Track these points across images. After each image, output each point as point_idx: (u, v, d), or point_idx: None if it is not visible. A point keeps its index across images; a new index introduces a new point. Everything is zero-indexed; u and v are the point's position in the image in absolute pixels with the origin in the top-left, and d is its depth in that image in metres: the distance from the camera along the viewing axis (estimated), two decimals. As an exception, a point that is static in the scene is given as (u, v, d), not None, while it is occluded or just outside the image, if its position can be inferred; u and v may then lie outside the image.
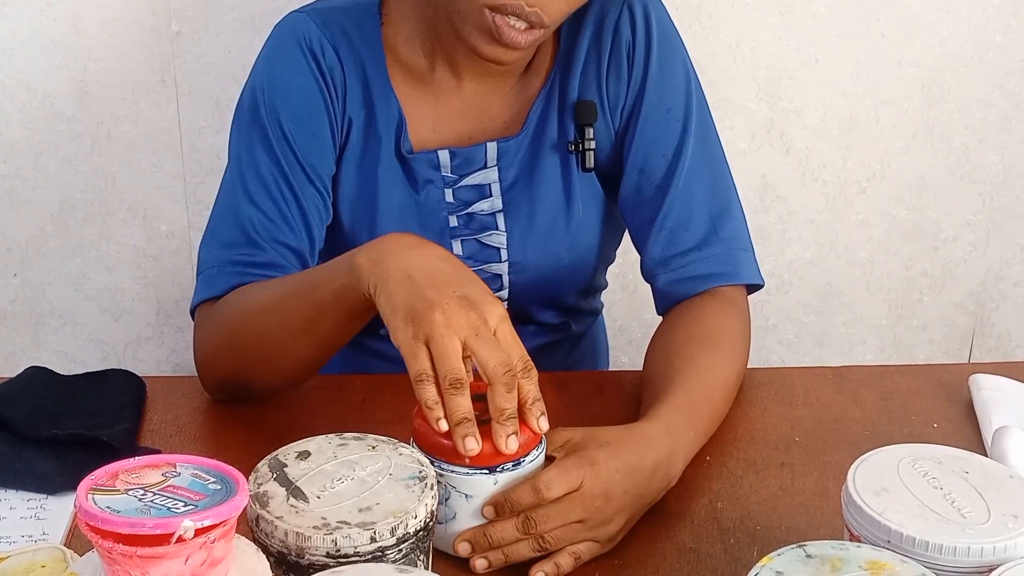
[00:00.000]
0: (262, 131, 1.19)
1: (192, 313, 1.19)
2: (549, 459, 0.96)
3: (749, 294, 1.24)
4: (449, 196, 1.24)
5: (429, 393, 0.90)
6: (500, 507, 0.92)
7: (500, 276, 1.26)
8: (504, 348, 0.92)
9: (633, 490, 0.95)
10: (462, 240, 1.25)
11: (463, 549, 0.93)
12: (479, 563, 0.93)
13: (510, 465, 0.92)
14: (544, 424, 0.93)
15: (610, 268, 1.41)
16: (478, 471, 0.91)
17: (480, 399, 0.95)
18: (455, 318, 0.92)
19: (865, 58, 1.78)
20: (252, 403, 1.17)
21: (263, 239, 1.17)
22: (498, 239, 1.25)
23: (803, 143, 1.82)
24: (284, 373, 1.13)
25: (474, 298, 0.94)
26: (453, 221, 1.24)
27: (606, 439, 0.97)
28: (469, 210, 1.24)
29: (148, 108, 1.73)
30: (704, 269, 1.20)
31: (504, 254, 1.25)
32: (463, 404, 0.90)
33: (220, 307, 1.15)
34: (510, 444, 0.90)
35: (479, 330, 0.92)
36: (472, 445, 0.89)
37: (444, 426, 0.90)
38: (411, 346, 0.92)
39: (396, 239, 1.01)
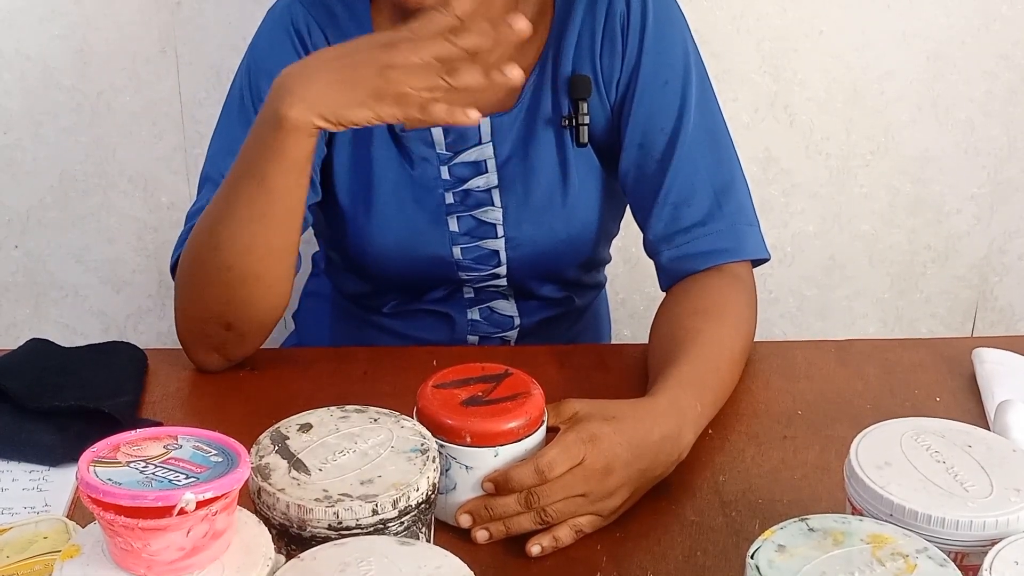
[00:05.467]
0: (244, 114, 1.20)
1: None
2: (552, 430, 0.96)
3: (755, 267, 1.23)
4: (445, 173, 1.23)
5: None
6: (501, 486, 0.92)
7: (497, 252, 1.26)
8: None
9: (636, 464, 0.95)
10: (458, 217, 1.24)
11: (464, 521, 0.93)
12: (480, 535, 0.93)
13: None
14: None
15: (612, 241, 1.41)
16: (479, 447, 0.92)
17: (484, 380, 0.95)
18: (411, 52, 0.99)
19: (870, 29, 1.77)
20: (253, 374, 1.17)
21: None
22: (494, 215, 1.25)
23: (807, 115, 1.81)
24: (259, 282, 1.11)
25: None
26: (449, 198, 1.24)
27: (611, 413, 0.97)
28: (465, 186, 1.24)
29: (148, 79, 1.72)
30: (708, 245, 1.20)
31: (500, 230, 1.25)
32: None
33: (181, 256, 1.16)
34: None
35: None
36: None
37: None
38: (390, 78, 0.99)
39: (292, 78, 1.04)
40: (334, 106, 1.01)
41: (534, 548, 0.92)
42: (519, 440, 0.92)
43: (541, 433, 0.94)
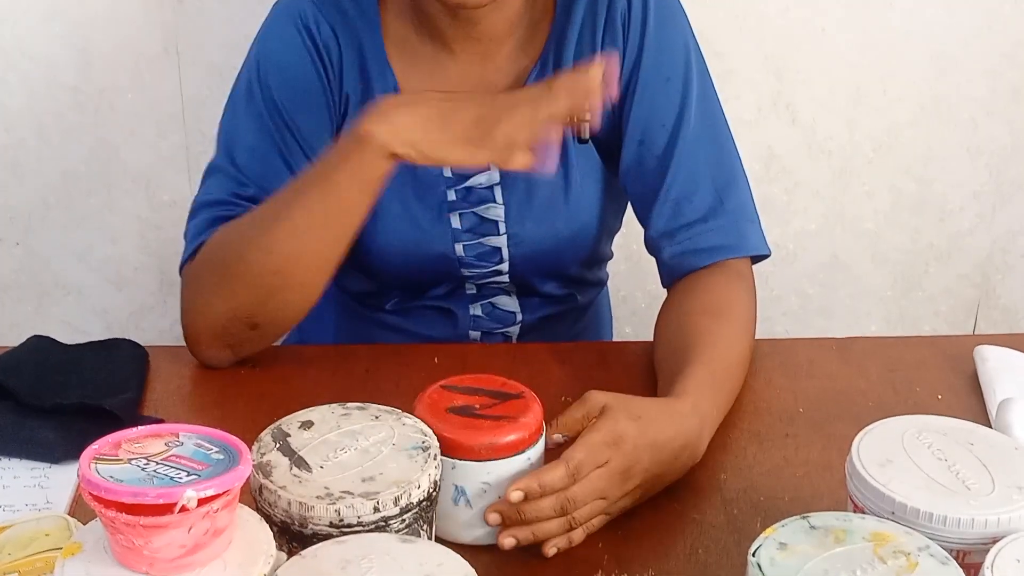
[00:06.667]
0: (255, 108, 1.20)
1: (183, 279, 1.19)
2: (576, 423, 0.95)
3: (755, 263, 1.23)
4: (447, 170, 1.23)
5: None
6: (533, 492, 0.89)
7: (499, 249, 1.26)
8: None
9: (654, 468, 0.95)
10: (460, 213, 1.24)
11: (493, 520, 0.91)
12: (507, 541, 0.91)
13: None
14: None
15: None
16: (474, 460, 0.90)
17: (491, 395, 0.94)
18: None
19: (872, 29, 1.77)
20: (255, 372, 1.17)
21: (245, 199, 1.17)
22: (496, 212, 1.25)
23: (809, 114, 1.81)
24: (301, 288, 1.12)
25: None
26: (451, 195, 1.24)
27: (638, 412, 0.95)
28: (467, 183, 1.24)
29: (151, 77, 1.72)
30: (710, 241, 1.20)
31: (502, 227, 1.25)
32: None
33: (206, 250, 1.16)
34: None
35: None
36: None
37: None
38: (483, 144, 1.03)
39: (391, 103, 1.08)
40: (417, 141, 1.04)
41: (551, 550, 0.91)
42: (478, 460, 0.90)
43: (510, 463, 0.91)
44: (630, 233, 1.40)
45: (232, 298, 1.13)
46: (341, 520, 0.78)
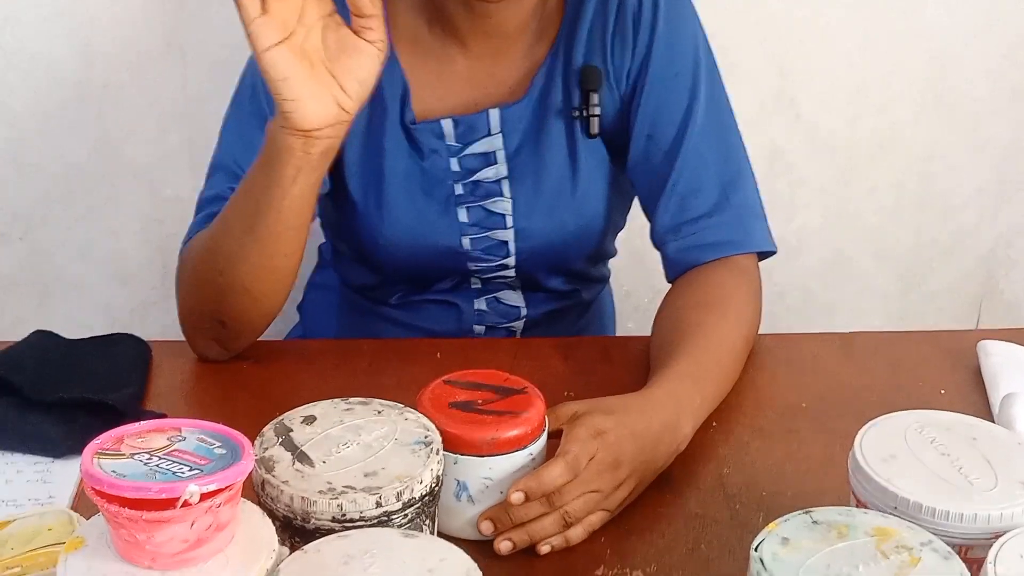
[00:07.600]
0: (258, 104, 1.20)
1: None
2: (553, 435, 0.95)
3: (762, 260, 1.23)
4: (455, 165, 1.23)
5: None
6: (533, 491, 0.89)
7: (506, 243, 1.26)
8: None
9: (640, 455, 0.95)
10: (467, 207, 1.24)
11: (485, 528, 0.91)
12: (503, 545, 0.90)
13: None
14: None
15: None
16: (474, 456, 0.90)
17: (493, 390, 0.94)
18: None
19: (874, 27, 1.76)
20: (257, 366, 1.17)
21: None
22: (503, 206, 1.25)
23: (813, 110, 1.81)
24: (247, 294, 1.11)
25: None
26: (459, 189, 1.24)
27: (611, 408, 0.97)
28: (474, 177, 1.24)
29: (153, 74, 1.72)
30: (714, 237, 1.20)
31: (510, 221, 1.25)
32: None
33: (187, 247, 1.18)
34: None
35: None
36: None
37: None
38: None
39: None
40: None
41: (544, 548, 0.91)
42: (480, 455, 0.89)
43: (512, 458, 0.91)
44: (633, 228, 1.40)
45: (196, 293, 1.15)
46: (343, 515, 0.78)
